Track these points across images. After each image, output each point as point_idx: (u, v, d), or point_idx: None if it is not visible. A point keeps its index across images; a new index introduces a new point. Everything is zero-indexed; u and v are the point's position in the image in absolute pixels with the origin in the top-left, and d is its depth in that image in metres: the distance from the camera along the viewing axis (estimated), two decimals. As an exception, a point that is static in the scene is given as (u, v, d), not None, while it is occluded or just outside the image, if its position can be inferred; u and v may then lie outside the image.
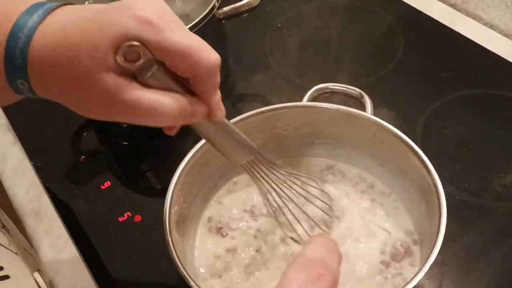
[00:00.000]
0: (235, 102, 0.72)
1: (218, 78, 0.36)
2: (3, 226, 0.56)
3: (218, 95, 0.38)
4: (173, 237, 0.45)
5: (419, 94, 0.70)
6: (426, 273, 0.52)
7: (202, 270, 0.50)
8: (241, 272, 0.49)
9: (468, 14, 0.82)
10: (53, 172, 0.67)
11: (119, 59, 0.32)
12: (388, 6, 0.83)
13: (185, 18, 0.71)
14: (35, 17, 0.33)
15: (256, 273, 0.49)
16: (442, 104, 0.68)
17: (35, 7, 0.33)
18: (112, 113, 0.34)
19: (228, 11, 0.67)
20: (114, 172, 0.66)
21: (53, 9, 0.33)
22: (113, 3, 0.33)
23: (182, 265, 0.42)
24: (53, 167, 0.68)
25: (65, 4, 0.34)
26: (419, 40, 0.78)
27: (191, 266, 0.50)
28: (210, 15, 0.64)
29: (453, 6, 0.83)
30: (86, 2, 0.68)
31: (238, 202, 0.55)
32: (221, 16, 0.67)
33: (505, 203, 0.57)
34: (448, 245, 0.54)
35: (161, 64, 0.34)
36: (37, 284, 0.48)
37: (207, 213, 0.54)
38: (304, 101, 0.55)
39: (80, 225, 0.61)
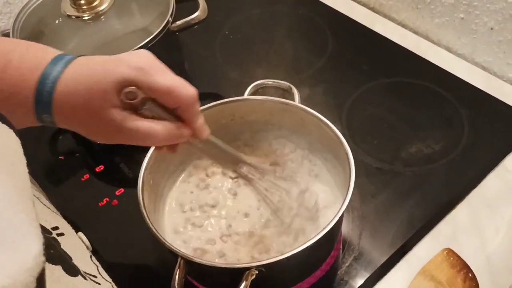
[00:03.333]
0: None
1: (197, 107, 0.44)
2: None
3: (201, 119, 0.46)
4: (146, 208, 0.52)
5: (344, 84, 0.81)
6: (349, 224, 0.64)
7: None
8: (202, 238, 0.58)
9: (385, 16, 0.92)
10: (37, 169, 0.74)
11: (123, 98, 0.41)
12: (319, 11, 0.93)
13: (144, 31, 0.78)
14: (58, 68, 0.41)
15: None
16: (363, 92, 0.79)
17: (58, 59, 0.41)
18: (117, 138, 0.44)
19: (181, 24, 0.74)
20: (92, 167, 0.73)
21: (71, 61, 0.42)
22: (113, 56, 0.42)
23: (154, 226, 0.50)
24: (37, 165, 0.75)
25: (80, 56, 0.43)
26: (345, 40, 0.88)
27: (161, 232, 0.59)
28: (166, 29, 0.71)
29: (372, 9, 0.94)
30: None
31: (197, 182, 0.63)
32: (175, 29, 0.74)
33: (411, 167, 0.69)
34: (366, 202, 0.65)
35: (153, 100, 0.43)
36: (82, 241, 0.55)
37: (173, 191, 0.62)
38: (245, 95, 0.64)
39: (66, 210, 0.68)
